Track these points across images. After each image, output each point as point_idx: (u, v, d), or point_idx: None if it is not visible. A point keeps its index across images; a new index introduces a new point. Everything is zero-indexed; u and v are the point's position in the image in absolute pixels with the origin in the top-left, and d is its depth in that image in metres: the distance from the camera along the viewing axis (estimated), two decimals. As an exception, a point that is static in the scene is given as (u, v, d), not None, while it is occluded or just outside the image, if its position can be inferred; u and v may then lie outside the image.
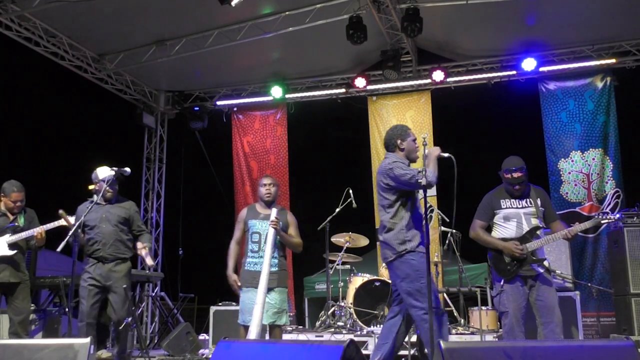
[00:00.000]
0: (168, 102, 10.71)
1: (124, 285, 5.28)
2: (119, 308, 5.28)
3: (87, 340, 3.18)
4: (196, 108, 10.40)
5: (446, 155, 4.34)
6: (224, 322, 7.14)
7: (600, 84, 8.78)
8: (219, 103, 10.42)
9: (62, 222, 5.34)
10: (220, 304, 7.49)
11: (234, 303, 7.15)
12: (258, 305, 4.86)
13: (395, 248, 4.45)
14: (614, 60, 8.69)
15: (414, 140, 4.62)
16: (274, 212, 5.08)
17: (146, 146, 10.57)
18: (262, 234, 5.18)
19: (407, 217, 4.47)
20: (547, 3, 7.80)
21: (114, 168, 5.31)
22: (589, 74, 8.86)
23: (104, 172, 5.39)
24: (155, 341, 8.85)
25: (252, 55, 9.27)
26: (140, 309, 9.36)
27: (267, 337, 5.02)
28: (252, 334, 4.75)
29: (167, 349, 7.07)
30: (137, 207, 5.78)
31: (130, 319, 5.16)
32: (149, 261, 5.40)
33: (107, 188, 5.30)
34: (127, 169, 5.31)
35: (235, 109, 10.48)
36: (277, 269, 5.12)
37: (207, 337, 7.57)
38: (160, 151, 10.72)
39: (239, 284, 5.11)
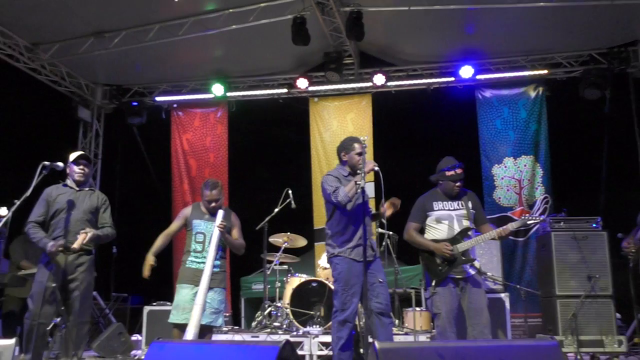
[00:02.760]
0: (105, 96, 10.42)
1: (54, 284, 4.84)
2: (78, 307, 4.93)
3: (12, 341, 3.06)
4: (135, 103, 10.15)
5: (376, 169, 4.57)
6: (157, 322, 6.99)
7: (533, 94, 9.12)
8: (158, 99, 10.23)
9: None
10: (154, 304, 7.34)
11: (168, 303, 7.03)
12: (198, 306, 4.81)
13: (329, 252, 4.84)
14: (546, 71, 9.06)
15: (358, 153, 4.82)
16: (220, 214, 5.04)
17: (81, 141, 10.24)
18: (206, 234, 5.14)
19: (342, 223, 4.75)
20: (485, 13, 8.03)
21: (46, 163, 5.09)
22: (522, 84, 9.19)
23: (72, 156, 5.23)
24: (86, 342, 8.58)
25: (194, 51, 9.14)
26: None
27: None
28: (190, 334, 4.69)
29: (97, 351, 6.88)
30: (108, 202, 5.44)
31: (59, 319, 4.83)
32: (76, 244, 4.88)
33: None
34: (60, 164, 5.12)
35: (175, 105, 10.31)
36: (218, 269, 5.11)
37: (140, 338, 7.41)
38: (96, 146, 10.42)
39: (152, 263, 5.02)
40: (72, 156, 5.26)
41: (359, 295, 4.65)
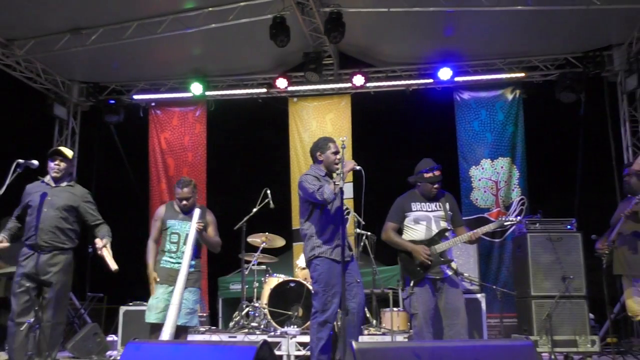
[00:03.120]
0: (82, 93, 10.29)
1: (27, 284, 4.73)
2: (53, 307, 4.79)
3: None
4: (112, 101, 10.05)
5: (358, 168, 4.60)
6: (134, 322, 6.93)
7: (510, 96, 9.22)
8: (136, 97, 10.14)
9: None
10: (130, 303, 7.27)
11: (145, 303, 6.96)
12: (174, 306, 4.78)
13: (307, 254, 4.82)
14: (523, 74, 9.16)
15: (334, 152, 4.85)
16: (197, 213, 5.02)
17: (57, 139, 10.10)
18: (181, 234, 5.12)
19: (319, 224, 4.75)
20: (463, 16, 8.09)
21: (20, 160, 5.00)
22: (500, 86, 9.29)
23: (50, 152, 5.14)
24: (60, 343, 8.47)
25: (173, 50, 9.08)
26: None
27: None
28: (166, 334, 4.66)
29: (72, 351, 6.80)
30: (91, 197, 5.29)
31: (32, 319, 4.72)
32: (112, 265, 4.71)
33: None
34: (35, 162, 5.03)
35: (153, 104, 10.23)
36: (193, 269, 5.09)
37: (115, 338, 7.34)
38: (72, 144, 10.28)
39: (159, 280, 5.01)
40: (50, 152, 5.19)
41: (339, 295, 4.64)
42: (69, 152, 5.22)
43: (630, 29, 8.27)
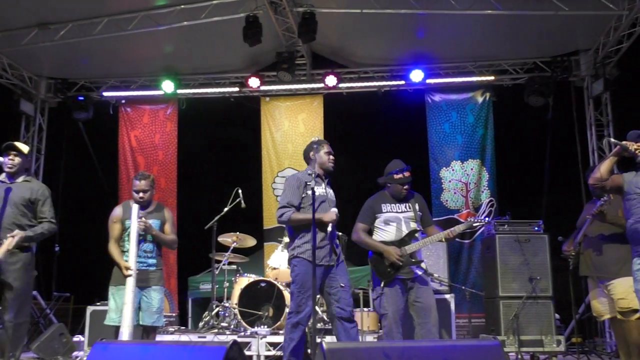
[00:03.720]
0: (50, 89, 10.11)
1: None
2: (14, 307, 4.66)
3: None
4: (81, 98, 9.85)
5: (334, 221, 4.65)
6: (101, 322, 6.80)
7: (480, 99, 9.33)
8: (105, 94, 9.99)
9: None
10: (98, 303, 7.16)
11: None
12: (128, 305, 4.71)
13: (288, 253, 4.85)
14: (492, 78, 9.29)
15: (328, 152, 4.89)
16: (135, 209, 4.94)
17: (23, 135, 9.90)
18: (140, 233, 5.05)
19: (300, 226, 4.70)
20: (435, 19, 8.18)
21: None
22: (470, 89, 9.40)
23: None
24: (24, 343, 8.30)
25: (144, 47, 8.98)
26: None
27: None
28: (125, 335, 4.59)
29: (37, 352, 6.66)
30: (49, 192, 5.15)
31: None
32: (0, 251, 4.55)
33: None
34: (1, 159, 4.94)
35: (123, 101, 10.09)
36: (155, 268, 5.04)
37: (82, 339, 7.22)
38: (39, 141, 10.11)
39: (119, 281, 4.92)
40: (3, 147, 5.05)
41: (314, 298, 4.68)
42: (23, 147, 5.07)
43: (596, 35, 8.45)
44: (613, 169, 4.35)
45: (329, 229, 4.62)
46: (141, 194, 5.08)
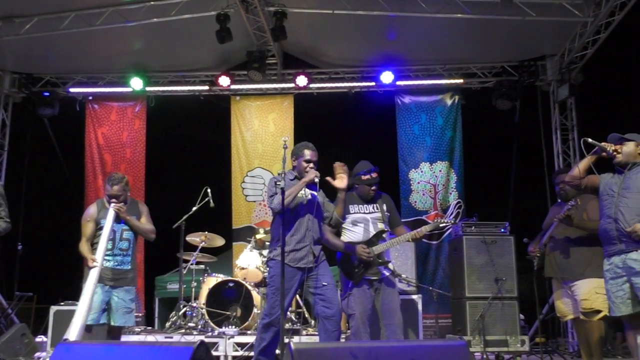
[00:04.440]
0: (14, 84, 9.86)
1: None
2: None
3: None
4: (46, 93, 9.66)
5: (317, 180, 4.74)
6: (65, 323, 6.68)
7: (449, 101, 9.43)
8: (72, 90, 9.80)
9: None
10: (62, 303, 7.03)
11: (77, 302, 6.76)
12: (85, 300, 4.66)
13: (267, 255, 4.96)
14: (461, 81, 9.41)
15: (307, 160, 4.93)
16: (111, 212, 4.92)
17: (-15, 130, 9.69)
18: (116, 231, 5.01)
19: (278, 229, 4.69)
20: (406, 21, 8.24)
21: None
22: (440, 91, 9.49)
23: None
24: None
25: (112, 43, 8.84)
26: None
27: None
28: (74, 333, 4.52)
29: (-3, 353, 6.52)
30: (2, 189, 5.03)
31: None
32: None
33: None
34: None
35: (90, 97, 9.90)
36: (130, 267, 5.02)
37: (45, 339, 7.09)
38: (2, 137, 9.86)
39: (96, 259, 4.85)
40: None
41: (289, 300, 4.80)
42: None
43: (562, 40, 8.62)
44: (591, 169, 4.43)
45: (316, 183, 4.71)
46: (114, 200, 4.99)
